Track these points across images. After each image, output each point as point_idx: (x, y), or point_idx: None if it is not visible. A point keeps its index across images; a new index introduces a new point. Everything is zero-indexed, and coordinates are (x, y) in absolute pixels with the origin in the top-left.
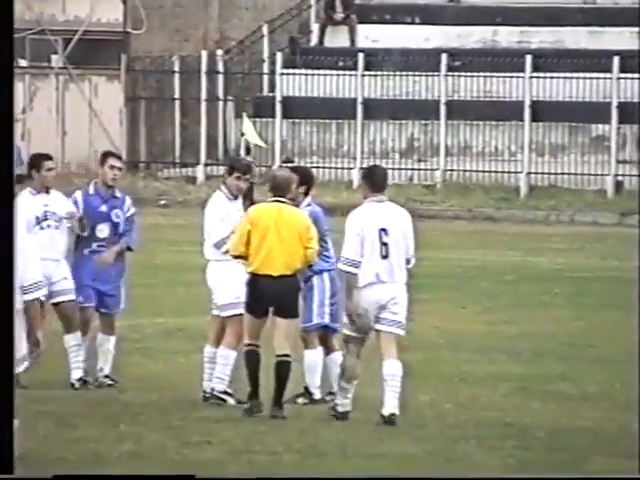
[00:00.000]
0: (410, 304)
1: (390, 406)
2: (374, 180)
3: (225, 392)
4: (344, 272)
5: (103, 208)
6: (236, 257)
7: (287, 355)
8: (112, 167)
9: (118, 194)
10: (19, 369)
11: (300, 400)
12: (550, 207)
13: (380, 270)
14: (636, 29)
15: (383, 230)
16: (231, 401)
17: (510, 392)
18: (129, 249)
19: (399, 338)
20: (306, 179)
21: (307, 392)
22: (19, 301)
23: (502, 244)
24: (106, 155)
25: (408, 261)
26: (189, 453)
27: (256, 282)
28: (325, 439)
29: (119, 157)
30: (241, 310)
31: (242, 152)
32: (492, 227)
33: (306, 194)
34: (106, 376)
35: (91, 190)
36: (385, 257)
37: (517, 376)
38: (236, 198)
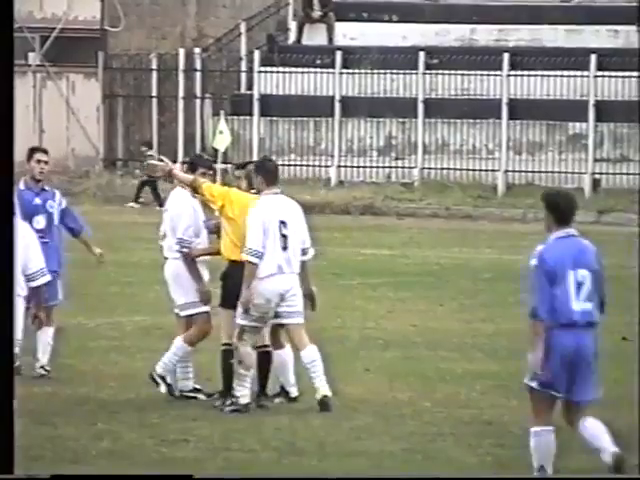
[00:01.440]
0: (386, 303)
1: (321, 389)
2: (268, 173)
3: (195, 389)
4: (247, 262)
5: (37, 201)
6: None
7: (267, 345)
8: (39, 161)
9: (47, 187)
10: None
11: (277, 400)
12: (527, 205)
13: (281, 261)
14: (613, 27)
15: (282, 222)
16: (201, 397)
17: (488, 390)
18: (75, 235)
19: (305, 326)
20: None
21: (283, 391)
22: (22, 288)
23: (479, 242)
24: (32, 150)
25: (304, 252)
26: (166, 451)
27: (231, 273)
28: (302, 437)
29: (45, 152)
30: (204, 308)
31: (219, 151)
32: (470, 225)
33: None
34: (41, 366)
35: (22, 186)
36: (285, 248)
37: (494, 374)
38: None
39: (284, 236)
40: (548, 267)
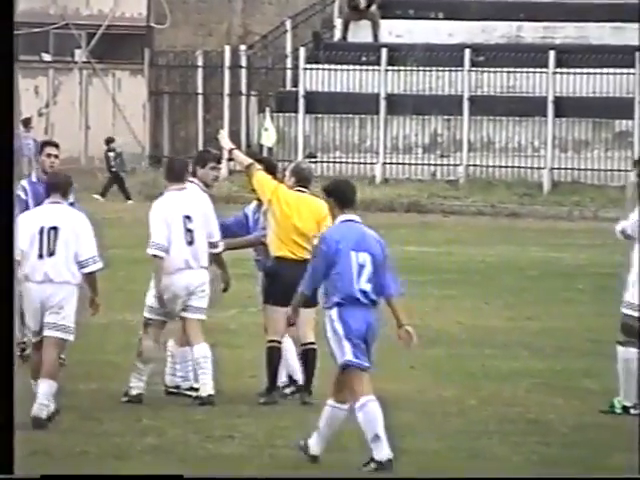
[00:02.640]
0: (432, 300)
1: (207, 387)
2: (173, 171)
3: (191, 388)
4: (154, 256)
5: None
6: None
7: (313, 342)
8: (49, 155)
9: None
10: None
11: (288, 390)
12: (573, 203)
13: (188, 256)
14: None
15: (187, 217)
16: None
17: (533, 388)
18: None
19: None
20: (271, 169)
21: (291, 380)
22: (75, 276)
23: (525, 240)
24: (44, 144)
25: (214, 245)
26: (211, 447)
27: (279, 268)
28: (347, 434)
29: (56, 145)
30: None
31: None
32: (515, 223)
33: None
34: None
35: (34, 178)
36: (191, 243)
37: (540, 372)
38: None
39: (189, 230)
40: (330, 248)
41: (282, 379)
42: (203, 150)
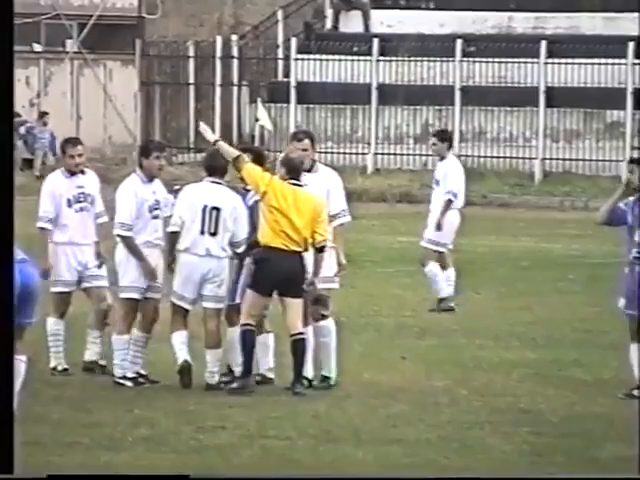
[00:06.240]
0: (423, 290)
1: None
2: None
3: (124, 377)
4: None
5: None
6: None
7: (302, 333)
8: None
9: None
10: None
11: (223, 378)
12: (565, 193)
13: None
14: None
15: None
16: (129, 384)
17: (524, 378)
18: None
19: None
20: (260, 159)
21: (229, 370)
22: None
23: (516, 230)
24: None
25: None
26: (203, 438)
27: (267, 258)
28: (339, 425)
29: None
30: (134, 295)
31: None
32: (506, 213)
33: None
34: None
35: None
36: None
37: (531, 362)
38: (151, 180)
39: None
40: None
41: (269, 365)
42: (148, 140)
